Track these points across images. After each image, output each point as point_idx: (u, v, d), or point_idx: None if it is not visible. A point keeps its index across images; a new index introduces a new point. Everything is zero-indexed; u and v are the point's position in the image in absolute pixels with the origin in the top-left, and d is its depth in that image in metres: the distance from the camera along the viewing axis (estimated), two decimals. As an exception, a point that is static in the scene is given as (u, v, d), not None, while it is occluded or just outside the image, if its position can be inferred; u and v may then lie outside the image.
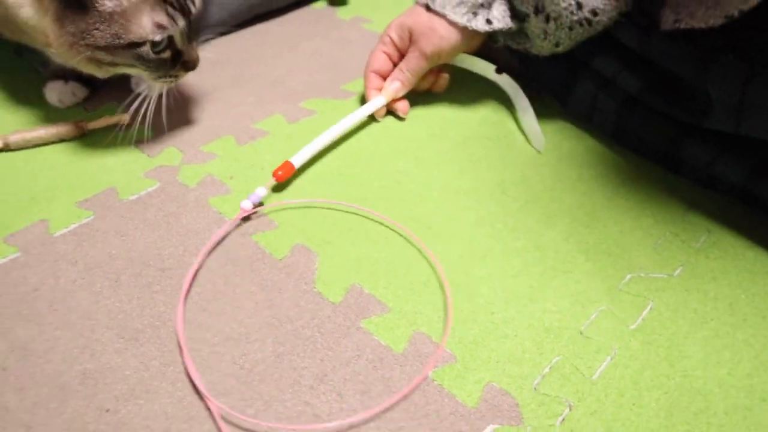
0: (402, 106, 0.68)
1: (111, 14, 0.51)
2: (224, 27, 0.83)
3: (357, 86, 0.73)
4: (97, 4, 0.50)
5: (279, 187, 0.59)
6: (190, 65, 0.58)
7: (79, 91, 0.70)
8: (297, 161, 0.59)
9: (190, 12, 0.55)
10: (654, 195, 0.60)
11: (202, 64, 0.60)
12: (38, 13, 0.53)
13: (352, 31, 0.86)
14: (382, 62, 0.67)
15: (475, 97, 0.72)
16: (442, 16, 0.62)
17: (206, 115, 0.69)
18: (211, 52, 0.75)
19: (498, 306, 0.49)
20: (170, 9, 0.53)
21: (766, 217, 0.55)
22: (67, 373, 0.43)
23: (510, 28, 0.62)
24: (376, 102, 0.65)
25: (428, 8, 0.63)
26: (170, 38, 0.55)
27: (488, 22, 0.62)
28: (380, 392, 0.43)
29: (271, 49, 0.81)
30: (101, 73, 0.58)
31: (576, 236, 0.55)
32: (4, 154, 0.63)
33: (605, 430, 0.41)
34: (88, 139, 0.64)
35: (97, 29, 0.51)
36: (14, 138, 0.63)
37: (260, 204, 0.55)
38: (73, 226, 0.55)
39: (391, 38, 0.67)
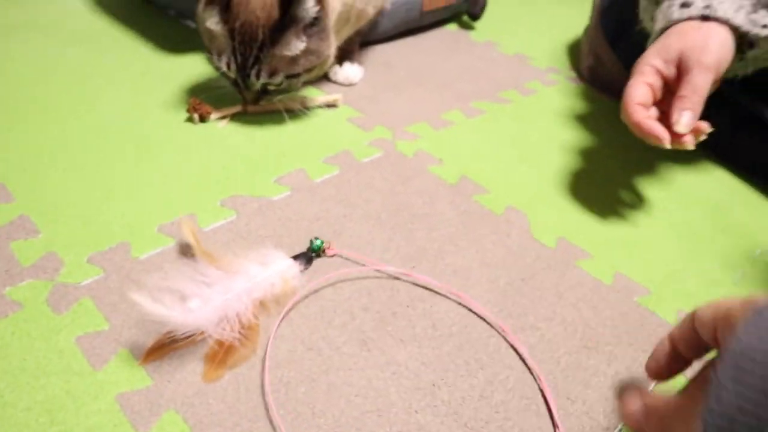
0: (688, 138, 0.59)
1: None
2: (387, 35, 0.99)
3: (511, 95, 0.89)
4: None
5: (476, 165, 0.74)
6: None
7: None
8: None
9: None
10: (762, 193, 0.76)
11: (381, 63, 0.85)
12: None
13: (488, 51, 1.02)
14: (644, 94, 0.60)
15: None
16: (724, 21, 0.59)
17: (399, 104, 0.84)
18: (383, 54, 0.91)
19: (672, 258, 0.64)
20: None
21: None
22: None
23: None
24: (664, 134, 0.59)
25: (705, 18, 0.59)
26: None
27: (765, 26, 0.59)
28: (603, 308, 0.57)
29: (427, 59, 0.97)
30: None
31: (710, 219, 0.71)
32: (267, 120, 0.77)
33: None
34: (312, 113, 0.79)
35: None
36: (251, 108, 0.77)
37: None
38: (327, 176, 0.69)
39: (653, 66, 0.61)
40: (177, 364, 0.48)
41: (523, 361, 0.51)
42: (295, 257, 0.56)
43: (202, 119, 0.75)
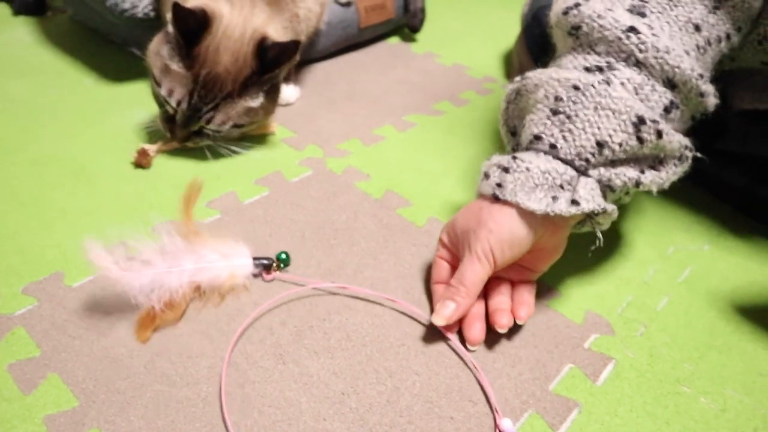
0: (474, 334, 0.56)
1: None
2: (327, 52, 1.02)
3: (445, 106, 0.93)
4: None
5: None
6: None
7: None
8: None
9: None
10: (677, 192, 0.80)
11: (320, 81, 0.90)
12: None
13: (427, 63, 1.06)
14: (440, 270, 0.59)
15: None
16: (514, 204, 0.53)
17: (333, 122, 0.87)
18: (322, 71, 0.95)
19: (582, 260, 0.67)
20: None
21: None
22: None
23: (602, 210, 0.53)
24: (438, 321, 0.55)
25: (496, 198, 0.54)
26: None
27: (574, 203, 0.52)
28: (515, 313, 0.61)
29: (365, 74, 1.01)
30: None
31: (627, 220, 0.75)
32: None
33: (671, 339, 0.60)
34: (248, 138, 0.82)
35: None
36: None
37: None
38: (256, 197, 0.72)
39: (442, 241, 0.60)
40: (102, 384, 0.51)
41: (462, 356, 0.55)
42: (256, 259, 0.61)
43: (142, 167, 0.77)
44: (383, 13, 1.06)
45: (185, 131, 0.74)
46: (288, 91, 0.89)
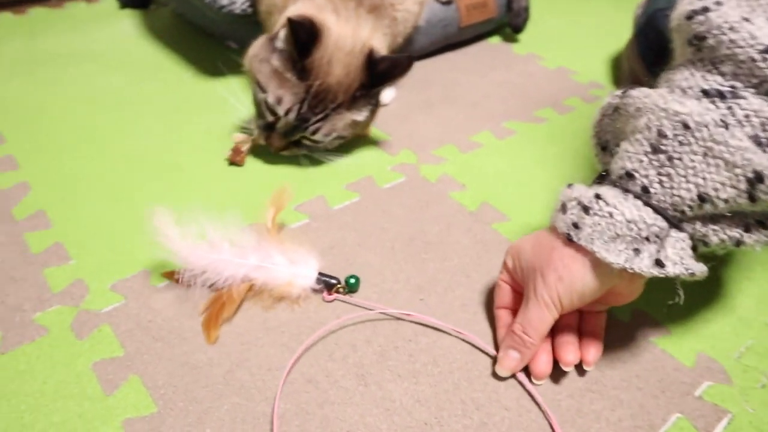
0: (540, 368, 0.52)
1: None
2: (425, 51, 0.99)
3: (547, 113, 0.88)
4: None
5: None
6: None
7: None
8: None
9: None
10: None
11: (416, 81, 0.87)
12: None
13: (529, 65, 1.01)
14: (503, 294, 0.56)
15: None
16: (590, 252, 0.47)
17: (429, 125, 0.84)
18: (420, 71, 0.91)
19: (699, 298, 0.61)
20: None
21: None
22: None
23: (689, 275, 0.46)
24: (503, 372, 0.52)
25: (569, 240, 0.48)
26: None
27: (658, 263, 0.45)
28: (616, 348, 0.55)
29: (464, 76, 0.97)
30: None
31: (746, 252, 0.67)
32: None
33: (799, 395, 0.53)
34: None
35: None
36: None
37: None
38: (346, 203, 0.70)
39: (506, 264, 0.55)
40: (181, 392, 0.50)
41: (532, 397, 0.51)
42: (321, 274, 0.58)
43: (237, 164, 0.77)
44: (485, 11, 1.02)
45: (285, 141, 0.73)
46: (384, 92, 0.86)
